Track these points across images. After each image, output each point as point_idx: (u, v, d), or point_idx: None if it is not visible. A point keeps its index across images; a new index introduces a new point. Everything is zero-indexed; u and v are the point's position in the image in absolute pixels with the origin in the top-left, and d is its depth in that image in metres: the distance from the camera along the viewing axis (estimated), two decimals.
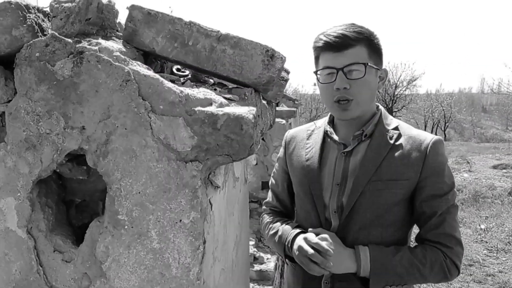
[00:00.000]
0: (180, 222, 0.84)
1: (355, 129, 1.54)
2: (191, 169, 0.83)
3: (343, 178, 1.51)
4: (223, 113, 0.83)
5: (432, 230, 1.42)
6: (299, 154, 1.68)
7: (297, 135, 1.76)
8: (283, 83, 1.31)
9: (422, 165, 1.41)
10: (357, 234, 1.45)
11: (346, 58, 1.40)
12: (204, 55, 1.01)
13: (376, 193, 1.43)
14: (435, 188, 1.43)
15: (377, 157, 1.45)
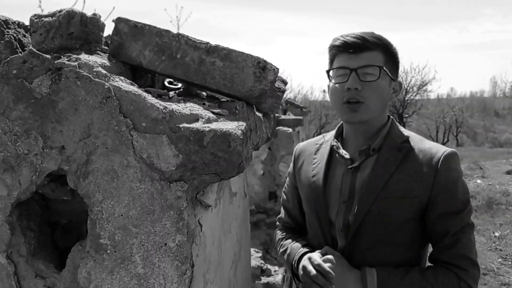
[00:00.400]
0: (165, 246, 0.79)
1: (363, 142, 1.48)
2: (175, 189, 0.78)
3: (350, 195, 1.45)
4: (209, 129, 0.79)
5: (445, 251, 1.34)
6: (306, 170, 1.63)
7: (306, 149, 1.71)
8: (279, 94, 1.27)
9: (433, 181, 1.34)
10: (365, 254, 1.39)
11: (362, 60, 1.37)
12: (193, 68, 0.97)
13: (383, 211, 1.37)
14: (448, 205, 1.35)
15: (384, 173, 1.39)
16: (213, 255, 1.02)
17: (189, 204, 0.81)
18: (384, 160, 1.42)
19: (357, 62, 1.37)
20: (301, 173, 1.67)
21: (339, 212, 1.46)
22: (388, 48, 1.44)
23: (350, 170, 1.48)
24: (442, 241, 1.35)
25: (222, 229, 1.17)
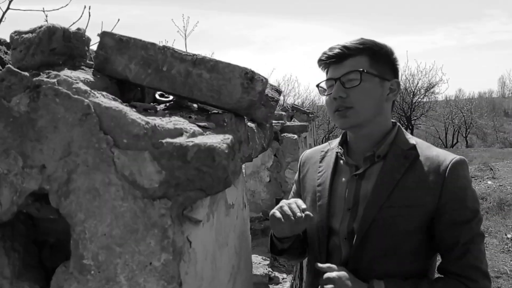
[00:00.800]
0: (150, 265, 0.77)
1: (368, 148, 1.47)
2: (159, 207, 0.76)
3: (355, 203, 1.43)
4: (193, 144, 0.77)
5: (454, 262, 1.30)
6: (311, 178, 1.62)
7: (311, 156, 1.70)
8: (273, 104, 1.24)
9: (441, 189, 1.31)
10: (371, 265, 1.36)
11: (344, 68, 1.39)
12: (179, 81, 0.95)
13: (389, 220, 1.34)
14: (456, 215, 1.31)
15: (390, 181, 1.36)
16: (205, 271, 1.00)
17: (174, 221, 0.79)
18: (389, 167, 1.39)
19: (340, 71, 1.40)
20: (306, 180, 1.65)
21: (344, 219, 1.44)
22: (374, 50, 1.43)
23: (355, 177, 1.46)
24: (451, 252, 1.32)
25: (216, 243, 1.14)
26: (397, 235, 1.34)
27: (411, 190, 1.34)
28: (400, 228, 1.34)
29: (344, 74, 1.39)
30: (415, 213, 1.33)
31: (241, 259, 1.48)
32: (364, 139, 1.47)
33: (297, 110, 8.90)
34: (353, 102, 1.38)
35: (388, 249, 1.35)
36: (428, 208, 1.33)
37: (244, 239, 1.54)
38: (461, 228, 1.30)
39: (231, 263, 1.33)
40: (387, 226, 1.34)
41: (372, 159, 1.44)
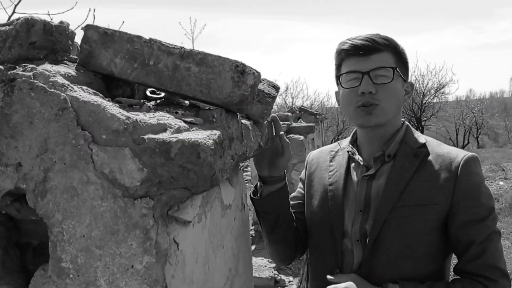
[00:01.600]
0: (132, 268, 0.73)
1: (378, 148, 1.42)
2: (140, 207, 0.72)
3: (366, 204, 1.38)
4: (176, 140, 0.72)
5: (471, 262, 1.25)
6: (321, 176, 1.57)
7: (320, 156, 1.65)
8: (269, 100, 1.20)
9: (454, 187, 1.26)
10: (385, 267, 1.31)
11: (373, 62, 1.33)
12: (167, 75, 0.91)
13: (402, 221, 1.29)
14: (471, 213, 1.26)
15: (400, 180, 1.31)
16: (196, 274, 0.95)
17: (158, 222, 0.74)
18: (400, 166, 1.35)
19: (368, 64, 1.33)
20: (314, 179, 1.60)
21: (355, 221, 1.40)
22: (397, 49, 1.40)
23: (365, 178, 1.41)
24: (468, 252, 1.27)
25: (210, 245, 1.09)
26: (411, 235, 1.30)
27: (423, 189, 1.30)
28: (414, 228, 1.29)
29: (374, 69, 1.32)
30: (429, 212, 1.29)
31: (239, 261, 1.43)
32: (375, 139, 1.42)
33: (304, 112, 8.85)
34: (381, 99, 1.32)
35: (403, 251, 1.30)
36: (441, 207, 1.29)
37: (243, 241, 1.50)
38: (476, 227, 1.26)
39: (227, 266, 1.28)
40: (400, 226, 1.30)
41: (383, 159, 1.40)
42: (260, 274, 3.84)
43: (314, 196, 1.55)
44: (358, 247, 1.38)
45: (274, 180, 1.45)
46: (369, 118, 1.33)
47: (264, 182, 1.46)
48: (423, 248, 1.30)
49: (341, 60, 1.40)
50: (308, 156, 1.70)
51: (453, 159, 1.31)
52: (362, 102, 1.33)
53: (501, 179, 11.47)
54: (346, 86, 1.37)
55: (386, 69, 1.32)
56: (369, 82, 1.31)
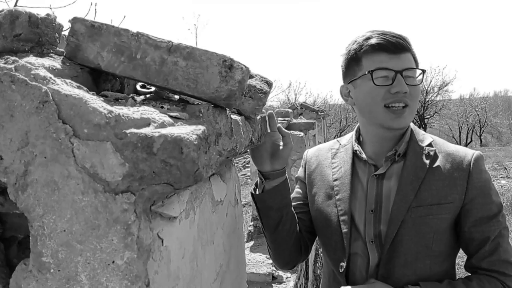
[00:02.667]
0: (113, 264, 0.72)
1: (386, 148, 1.41)
2: (121, 202, 0.71)
3: (377, 204, 1.38)
4: (159, 135, 0.72)
5: (486, 258, 1.27)
6: (323, 173, 1.56)
7: (319, 153, 1.64)
8: (261, 96, 1.19)
9: (466, 185, 1.27)
10: (404, 268, 1.31)
11: (403, 62, 1.32)
12: (154, 69, 0.90)
13: (419, 221, 1.29)
14: (484, 210, 1.28)
15: (414, 179, 1.32)
16: (183, 270, 0.94)
17: (140, 217, 0.73)
18: (412, 165, 1.35)
19: (400, 63, 1.31)
20: (316, 177, 1.59)
21: (368, 222, 1.40)
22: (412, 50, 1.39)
23: (375, 177, 1.41)
24: (482, 248, 1.29)
25: (199, 240, 1.09)
26: (428, 235, 1.30)
27: (438, 187, 1.31)
28: (431, 227, 1.30)
29: (407, 69, 1.31)
30: (444, 211, 1.30)
31: (231, 258, 1.43)
32: (389, 138, 1.42)
33: (306, 108, 8.82)
34: (411, 100, 1.32)
35: (420, 251, 1.31)
36: (455, 205, 1.30)
37: (235, 237, 1.49)
38: (489, 223, 1.28)
39: (218, 262, 1.28)
40: (417, 227, 1.30)
41: (393, 158, 1.39)
42: (257, 269, 3.84)
43: (318, 194, 1.54)
44: (372, 248, 1.37)
45: (276, 174, 1.44)
46: (399, 120, 1.32)
47: (266, 177, 1.45)
48: (439, 247, 1.31)
49: (364, 54, 1.34)
50: (305, 154, 1.68)
51: (463, 157, 1.32)
52: (393, 100, 1.30)
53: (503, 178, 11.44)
54: (378, 83, 1.31)
55: (415, 70, 1.32)
56: (403, 82, 1.29)
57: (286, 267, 1.63)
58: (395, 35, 1.31)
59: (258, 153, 1.43)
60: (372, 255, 1.37)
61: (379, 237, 1.35)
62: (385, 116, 1.32)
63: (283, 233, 1.47)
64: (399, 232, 1.30)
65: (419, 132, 1.42)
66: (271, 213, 1.44)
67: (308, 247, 1.61)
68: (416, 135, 1.40)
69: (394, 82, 1.29)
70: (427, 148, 1.36)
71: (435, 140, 1.39)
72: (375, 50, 1.31)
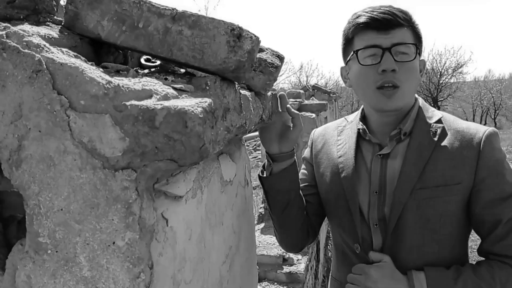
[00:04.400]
0: (113, 245, 0.67)
1: (392, 126, 1.34)
2: (121, 179, 0.66)
3: (381, 185, 1.31)
4: (161, 107, 0.66)
5: (498, 242, 1.18)
6: (329, 152, 1.49)
7: (326, 132, 1.58)
8: (272, 70, 1.13)
9: (476, 164, 1.18)
10: (409, 254, 1.25)
11: (394, 38, 1.22)
12: (157, 39, 0.84)
13: (423, 203, 1.22)
14: (497, 190, 1.19)
15: (419, 159, 1.23)
16: (189, 252, 0.90)
17: (142, 196, 0.69)
18: (417, 145, 1.27)
19: (389, 40, 1.22)
20: (322, 156, 1.53)
21: (372, 204, 1.33)
22: (414, 23, 1.30)
23: (379, 157, 1.33)
24: (493, 232, 1.20)
25: (207, 221, 1.04)
26: (434, 218, 1.23)
27: (444, 168, 1.22)
28: (437, 210, 1.22)
29: (396, 44, 1.22)
30: (452, 193, 1.21)
31: (240, 239, 1.38)
32: (390, 118, 1.34)
33: (318, 90, 8.70)
34: (402, 80, 1.23)
35: (426, 236, 1.24)
36: (464, 185, 1.21)
37: (245, 219, 1.44)
38: (503, 205, 1.19)
39: (227, 244, 1.23)
40: (421, 210, 1.23)
41: (398, 137, 1.31)
42: (268, 252, 3.82)
43: (325, 174, 1.48)
44: (376, 231, 1.32)
45: (284, 157, 1.38)
46: (389, 102, 1.24)
47: (274, 159, 1.40)
48: (448, 230, 1.24)
49: (354, 33, 1.29)
50: (312, 134, 1.62)
51: (474, 134, 1.23)
52: (382, 81, 1.23)
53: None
54: (364, 63, 1.26)
55: (408, 45, 1.23)
56: (391, 59, 1.21)
57: (293, 250, 1.59)
58: (384, 11, 1.22)
59: (267, 133, 1.37)
60: (376, 239, 1.31)
61: (383, 220, 1.29)
62: (377, 98, 1.25)
63: (291, 216, 1.42)
64: (403, 215, 1.24)
65: (428, 109, 1.34)
66: (278, 196, 1.39)
67: (315, 231, 1.56)
68: (425, 112, 1.32)
69: (381, 61, 1.21)
70: (434, 125, 1.27)
71: (445, 117, 1.30)
72: (363, 29, 1.25)
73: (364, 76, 1.27)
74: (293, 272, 3.63)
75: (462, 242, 1.28)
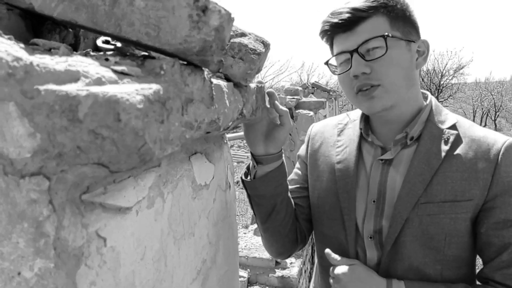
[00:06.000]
0: (18, 276, 0.50)
1: (396, 129, 1.17)
2: (27, 189, 0.49)
3: (380, 194, 1.14)
4: (87, 93, 0.49)
5: (501, 269, 1.02)
6: (327, 153, 1.32)
7: (324, 129, 1.40)
8: (254, 57, 0.96)
9: (491, 179, 1.03)
10: (409, 274, 1.09)
11: (360, 36, 1.07)
12: (102, 11, 0.67)
13: (427, 220, 1.05)
14: (509, 210, 1.02)
15: (426, 169, 1.06)
16: (141, 275, 0.73)
17: (61, 211, 0.52)
18: (425, 152, 1.09)
19: (356, 39, 1.08)
20: (319, 157, 1.37)
21: (368, 213, 1.17)
22: (390, 6, 1.12)
23: (380, 162, 1.17)
24: (499, 257, 1.04)
25: (170, 234, 0.88)
26: (438, 237, 1.07)
27: (454, 181, 1.06)
28: (443, 229, 1.07)
29: (361, 44, 1.08)
30: (461, 210, 1.06)
31: (218, 250, 1.22)
32: (392, 121, 1.18)
33: (317, 87, 8.52)
34: (381, 77, 1.08)
35: (429, 255, 1.09)
36: (476, 202, 1.06)
37: (225, 226, 1.28)
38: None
39: (200, 258, 1.07)
40: (425, 226, 1.08)
41: (404, 142, 1.15)
42: (260, 254, 3.67)
43: (320, 178, 1.32)
44: (371, 245, 1.16)
45: (270, 159, 1.22)
46: (371, 103, 1.10)
47: (259, 161, 1.24)
48: (454, 252, 1.08)
49: (330, 41, 1.20)
50: (310, 130, 1.45)
51: (491, 144, 1.06)
52: (357, 86, 1.12)
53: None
54: (339, 71, 1.17)
55: (376, 39, 1.08)
56: (360, 61, 1.08)
57: (280, 257, 1.43)
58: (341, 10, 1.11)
59: (252, 131, 1.21)
60: (370, 253, 1.16)
61: (379, 233, 1.14)
62: (359, 103, 1.15)
63: (277, 222, 1.27)
64: (403, 231, 1.08)
65: (441, 111, 1.16)
66: (263, 201, 1.23)
67: (305, 236, 1.40)
68: (436, 115, 1.14)
69: (351, 65, 1.11)
70: (447, 131, 1.10)
71: (460, 122, 1.13)
72: (333, 33, 1.16)
73: (342, 84, 1.19)
74: (286, 276, 3.47)
75: (470, 265, 1.11)
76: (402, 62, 1.09)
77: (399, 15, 1.11)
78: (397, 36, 1.08)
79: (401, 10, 1.12)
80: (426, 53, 1.16)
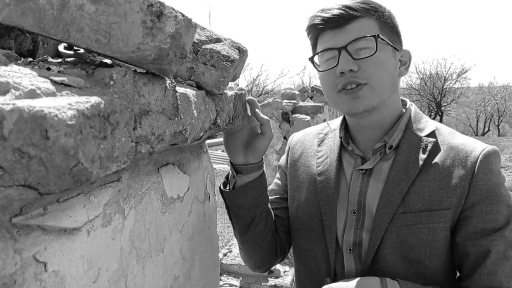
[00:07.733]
0: None
1: (374, 138, 1.13)
2: None
3: (360, 205, 1.10)
4: (11, 108, 0.44)
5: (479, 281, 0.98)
6: (307, 164, 1.28)
7: (305, 139, 1.36)
8: (227, 64, 0.91)
9: (468, 187, 0.99)
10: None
11: (350, 34, 1.03)
12: (50, 15, 0.63)
13: (405, 231, 1.01)
14: (486, 219, 0.97)
15: (404, 179, 1.02)
16: None
17: None
18: (403, 161, 1.06)
19: (345, 37, 1.04)
20: (299, 167, 1.32)
21: (348, 225, 1.13)
22: (381, 11, 1.10)
23: (360, 172, 1.13)
24: (477, 269, 0.99)
25: (133, 253, 0.83)
26: (418, 249, 1.04)
27: (432, 190, 1.03)
28: (422, 240, 1.03)
29: (351, 41, 1.05)
30: (438, 219, 1.02)
31: (193, 265, 1.17)
32: (371, 127, 1.14)
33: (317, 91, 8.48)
34: (368, 76, 1.05)
35: (410, 269, 1.04)
36: (453, 211, 1.03)
37: (202, 239, 1.23)
38: (491, 237, 0.99)
39: (170, 274, 1.02)
40: (403, 237, 1.04)
41: (383, 152, 1.11)
42: None
43: (300, 189, 1.27)
44: (349, 258, 1.12)
45: (250, 169, 1.18)
46: (356, 103, 1.06)
47: (238, 171, 1.19)
48: (435, 263, 1.03)
49: (315, 38, 1.16)
50: (290, 139, 1.41)
51: (470, 152, 1.02)
52: (342, 84, 1.07)
53: None
54: (323, 69, 1.13)
55: (366, 39, 1.05)
56: (348, 59, 1.05)
57: (258, 270, 1.38)
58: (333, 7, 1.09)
59: (232, 140, 1.17)
60: (348, 267, 1.12)
61: (359, 246, 1.09)
62: (341, 102, 1.11)
63: (256, 234, 1.22)
64: (382, 244, 1.04)
65: (420, 119, 1.13)
66: (241, 212, 1.19)
67: (285, 249, 1.35)
68: (415, 123, 1.11)
69: (338, 62, 1.07)
70: (425, 139, 1.08)
71: (439, 129, 1.09)
72: (321, 30, 1.12)
73: (325, 82, 1.14)
74: (279, 285, 3.42)
75: (452, 276, 1.07)
76: (389, 66, 1.07)
77: (387, 22, 1.10)
78: (386, 40, 1.06)
79: (389, 18, 1.11)
80: (408, 63, 1.14)
